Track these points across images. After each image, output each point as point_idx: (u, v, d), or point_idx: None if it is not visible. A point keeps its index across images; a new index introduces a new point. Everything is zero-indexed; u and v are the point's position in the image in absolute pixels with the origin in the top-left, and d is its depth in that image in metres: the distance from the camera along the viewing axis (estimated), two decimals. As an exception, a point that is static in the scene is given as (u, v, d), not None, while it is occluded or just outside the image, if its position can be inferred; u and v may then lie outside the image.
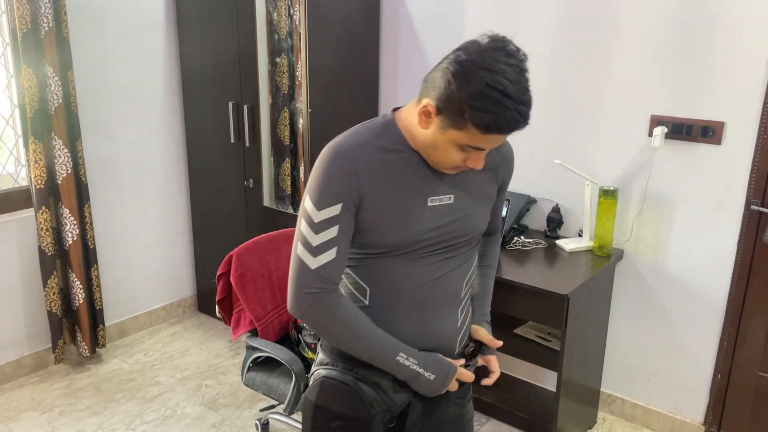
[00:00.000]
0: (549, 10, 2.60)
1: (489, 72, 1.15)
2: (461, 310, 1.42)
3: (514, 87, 1.17)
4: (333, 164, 1.25)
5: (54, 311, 2.95)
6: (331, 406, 1.38)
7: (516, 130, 1.22)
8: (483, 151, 1.24)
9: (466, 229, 1.36)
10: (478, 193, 1.38)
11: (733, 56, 2.25)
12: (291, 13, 2.81)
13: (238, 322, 2.34)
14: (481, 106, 1.15)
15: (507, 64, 1.17)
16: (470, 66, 1.15)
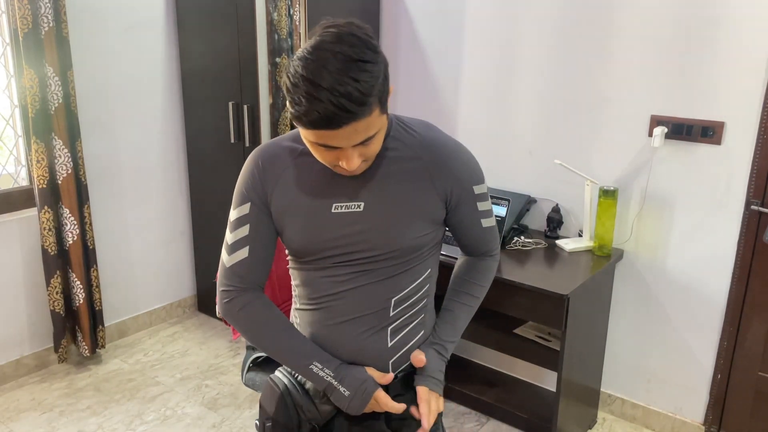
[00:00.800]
0: (549, 10, 2.60)
1: (306, 61, 1.06)
2: (393, 330, 1.31)
3: (328, 76, 1.04)
4: (247, 164, 1.29)
5: (57, 311, 2.96)
6: (267, 407, 1.37)
7: (340, 124, 1.06)
8: (346, 149, 1.12)
9: (377, 242, 1.25)
10: (403, 204, 1.26)
11: (733, 56, 2.25)
12: (291, 13, 2.81)
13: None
14: (296, 99, 1.07)
15: (330, 52, 1.06)
16: (296, 58, 1.09)
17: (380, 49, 1.14)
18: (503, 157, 2.85)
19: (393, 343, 1.32)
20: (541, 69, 2.67)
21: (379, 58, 1.11)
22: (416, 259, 1.30)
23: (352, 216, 1.25)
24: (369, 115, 1.08)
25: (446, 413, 2.80)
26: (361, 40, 1.10)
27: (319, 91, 1.04)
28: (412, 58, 3.03)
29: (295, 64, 1.08)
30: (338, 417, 1.34)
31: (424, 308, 1.36)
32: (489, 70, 2.81)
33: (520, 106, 2.76)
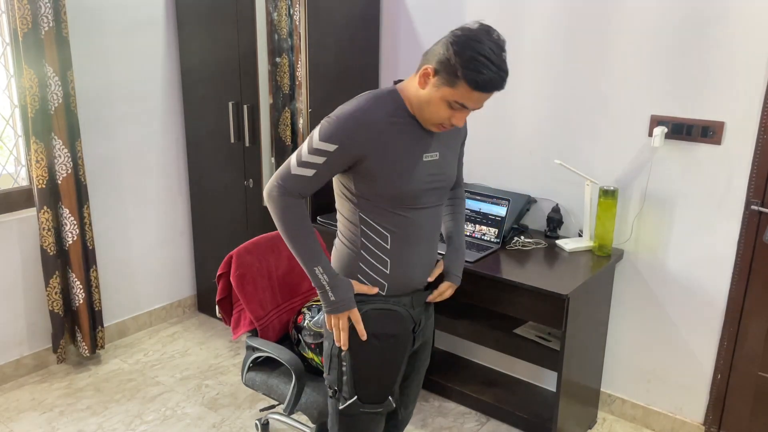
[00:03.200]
0: (549, 9, 2.60)
1: (479, 44, 1.48)
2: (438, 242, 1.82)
3: (497, 57, 1.49)
4: (350, 120, 1.56)
5: (56, 311, 2.96)
6: (385, 330, 1.71)
7: (497, 89, 1.52)
8: (466, 111, 1.57)
9: (448, 179, 1.73)
10: (453, 150, 1.76)
11: (733, 56, 2.25)
12: (291, 13, 2.81)
13: (238, 322, 2.34)
14: (473, 67, 1.48)
15: (491, 42, 1.50)
16: (464, 39, 1.50)
17: None
18: (503, 157, 2.85)
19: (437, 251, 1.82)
20: (541, 69, 2.67)
21: None
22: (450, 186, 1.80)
23: (435, 162, 1.67)
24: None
25: (446, 413, 2.80)
26: (502, 39, 1.54)
27: (492, 65, 1.48)
28: (412, 59, 3.03)
29: (467, 42, 1.49)
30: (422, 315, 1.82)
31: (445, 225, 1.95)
32: (489, 70, 2.80)
33: (520, 106, 2.76)
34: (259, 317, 2.28)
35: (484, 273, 2.40)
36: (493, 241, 2.64)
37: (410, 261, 1.72)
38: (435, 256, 1.81)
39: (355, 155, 1.57)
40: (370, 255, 1.69)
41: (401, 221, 1.67)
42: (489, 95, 1.53)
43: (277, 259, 2.37)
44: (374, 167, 1.59)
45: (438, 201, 1.73)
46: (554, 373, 2.44)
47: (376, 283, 1.70)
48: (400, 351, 1.76)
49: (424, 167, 1.64)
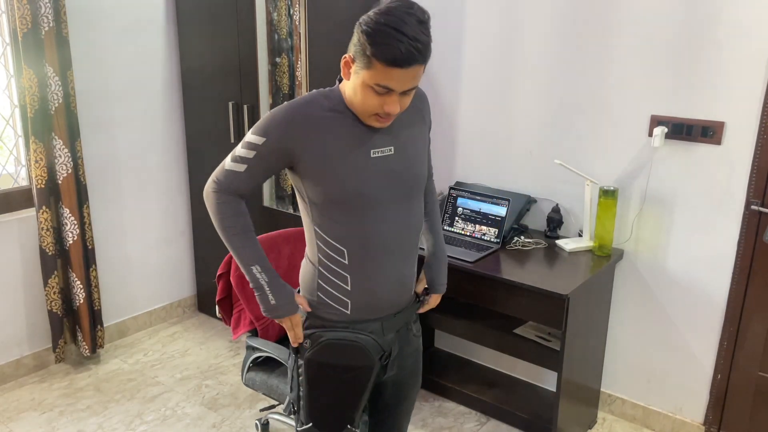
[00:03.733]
0: (549, 9, 2.60)
1: (387, 16, 1.34)
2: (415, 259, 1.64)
3: (409, 27, 1.33)
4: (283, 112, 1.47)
5: (54, 311, 2.96)
6: (343, 362, 1.59)
7: (414, 62, 1.35)
8: (394, 94, 1.40)
9: (414, 177, 1.56)
10: (415, 139, 1.58)
11: (733, 56, 2.25)
12: (291, 13, 2.81)
13: (238, 322, 2.34)
14: (380, 41, 1.33)
15: (406, 13, 1.35)
16: (373, 15, 1.37)
17: None
18: (503, 157, 2.85)
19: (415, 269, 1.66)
20: (541, 69, 2.66)
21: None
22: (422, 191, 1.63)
23: (388, 159, 1.51)
24: (424, 65, 1.39)
25: (446, 413, 2.80)
26: (422, 9, 1.39)
27: (402, 36, 1.32)
28: (412, 58, 3.03)
29: (374, 18, 1.35)
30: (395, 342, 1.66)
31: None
32: (489, 70, 2.81)
33: (520, 106, 2.76)
34: (259, 317, 2.28)
35: (484, 273, 2.40)
36: (493, 241, 2.64)
37: (375, 278, 1.55)
38: (410, 273, 1.62)
39: (286, 149, 1.46)
40: (328, 271, 1.55)
41: (357, 232, 1.51)
42: (411, 71, 1.36)
43: (277, 259, 2.37)
44: (312, 165, 1.46)
45: (404, 205, 1.55)
46: (554, 373, 2.44)
47: (339, 302, 1.56)
48: (360, 383, 1.62)
49: (374, 164, 1.48)
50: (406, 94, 1.42)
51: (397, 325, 1.64)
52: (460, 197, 2.75)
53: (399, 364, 1.69)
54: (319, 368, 1.60)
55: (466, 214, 2.72)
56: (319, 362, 1.59)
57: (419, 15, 1.36)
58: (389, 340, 1.64)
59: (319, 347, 1.59)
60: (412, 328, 1.72)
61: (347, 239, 1.51)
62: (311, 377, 1.61)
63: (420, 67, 1.38)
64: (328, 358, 1.59)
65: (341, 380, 1.60)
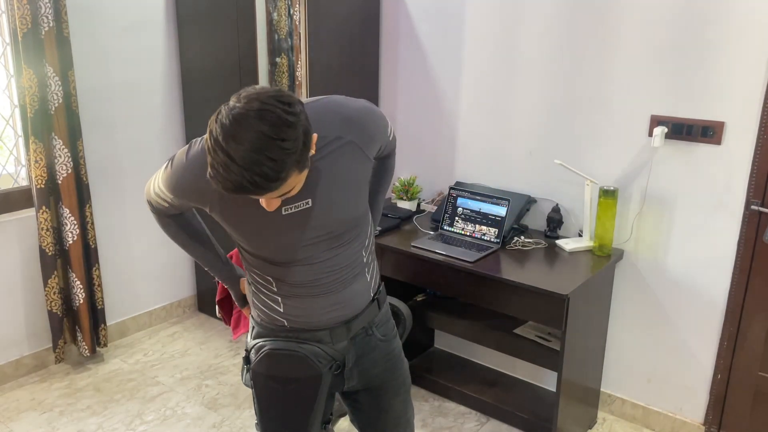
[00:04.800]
0: (549, 9, 2.60)
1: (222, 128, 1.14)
2: (368, 269, 1.53)
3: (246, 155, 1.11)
4: (183, 170, 1.37)
5: (54, 311, 2.96)
6: (285, 373, 1.50)
7: (251, 194, 1.16)
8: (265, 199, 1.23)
9: (341, 224, 1.40)
10: (343, 182, 1.37)
11: (734, 56, 2.25)
12: (291, 13, 2.81)
13: (238, 322, 2.34)
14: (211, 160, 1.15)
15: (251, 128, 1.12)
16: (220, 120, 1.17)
17: (300, 111, 1.16)
18: (503, 157, 2.85)
19: (370, 277, 1.54)
20: (541, 69, 2.66)
21: (298, 132, 1.14)
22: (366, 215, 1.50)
23: (305, 213, 1.34)
24: (285, 183, 1.16)
25: (446, 413, 2.80)
26: (280, 118, 1.12)
27: (233, 166, 1.10)
28: (412, 58, 3.03)
29: (216, 127, 1.13)
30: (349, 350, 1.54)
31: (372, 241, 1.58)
32: (489, 70, 2.81)
33: (520, 106, 2.76)
34: (259, 317, 2.27)
35: (484, 273, 2.40)
36: (493, 241, 2.64)
37: (308, 306, 1.45)
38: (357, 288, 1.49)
39: (195, 206, 1.44)
40: (260, 292, 1.50)
41: (281, 275, 1.42)
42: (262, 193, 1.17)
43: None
44: (223, 222, 1.38)
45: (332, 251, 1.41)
46: (554, 373, 2.44)
47: (273, 319, 1.50)
48: (306, 395, 1.51)
49: (288, 221, 1.33)
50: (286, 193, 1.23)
51: (349, 332, 1.52)
52: (460, 197, 2.75)
53: (361, 373, 1.57)
54: (263, 380, 1.53)
55: (466, 214, 2.72)
56: (263, 374, 1.52)
57: (268, 130, 1.10)
58: (341, 348, 1.52)
59: (261, 357, 1.52)
60: (375, 333, 1.57)
61: (272, 276, 1.44)
62: (258, 389, 1.55)
63: (273, 192, 1.17)
64: (271, 369, 1.51)
65: (285, 392, 1.51)
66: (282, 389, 1.51)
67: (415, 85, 3.06)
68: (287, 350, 1.49)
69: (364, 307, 1.53)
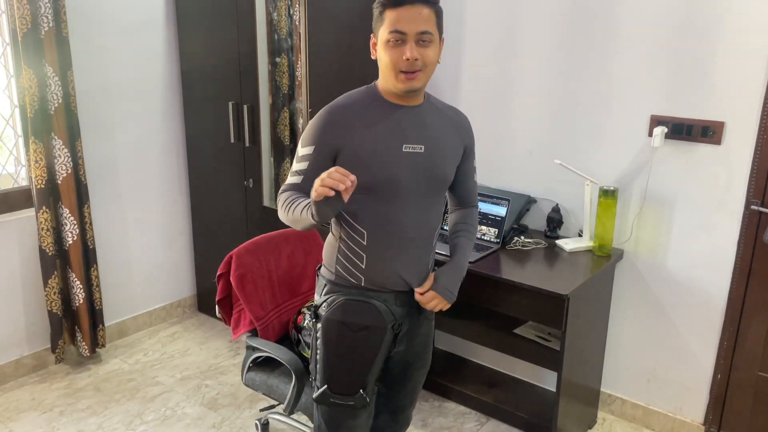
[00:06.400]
0: (549, 9, 2.60)
1: None
2: (433, 253, 1.78)
3: None
4: (321, 115, 1.64)
5: (54, 311, 2.96)
6: (357, 320, 1.69)
7: (414, 2, 1.53)
8: (409, 40, 1.54)
9: (440, 175, 1.69)
10: (444, 146, 1.69)
11: (733, 56, 2.25)
12: (291, 13, 2.81)
13: (238, 322, 2.34)
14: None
15: None
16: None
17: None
18: (503, 157, 2.85)
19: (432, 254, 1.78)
20: (541, 69, 2.66)
21: None
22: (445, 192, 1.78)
23: (418, 156, 1.64)
24: (432, 7, 1.56)
25: (446, 413, 2.80)
26: None
27: None
28: (412, 58, 3.03)
29: None
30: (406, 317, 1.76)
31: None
32: (489, 69, 2.81)
33: (520, 106, 2.76)
34: (259, 317, 2.28)
35: (484, 273, 2.40)
36: (493, 241, 2.64)
37: (390, 260, 1.68)
38: (426, 260, 1.75)
39: (332, 149, 1.61)
40: (347, 248, 1.69)
41: (379, 217, 1.65)
42: (414, 10, 1.53)
43: (277, 259, 2.37)
44: (351, 156, 1.60)
45: (426, 197, 1.69)
46: (554, 373, 2.44)
47: (352, 275, 1.70)
48: (372, 343, 1.71)
49: (405, 158, 1.63)
50: (423, 43, 1.55)
51: (408, 302, 1.73)
52: (460, 197, 2.75)
53: (407, 342, 1.79)
54: (336, 326, 1.70)
55: (466, 214, 2.71)
56: (336, 320, 1.70)
57: None
58: (401, 312, 1.73)
59: (336, 307, 1.70)
60: (424, 311, 1.80)
61: (368, 222, 1.64)
62: (327, 337, 1.71)
63: (423, 8, 1.53)
64: (344, 316, 1.69)
65: (356, 338, 1.69)
66: (353, 335, 1.69)
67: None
68: (362, 301, 1.70)
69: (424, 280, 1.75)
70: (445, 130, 1.71)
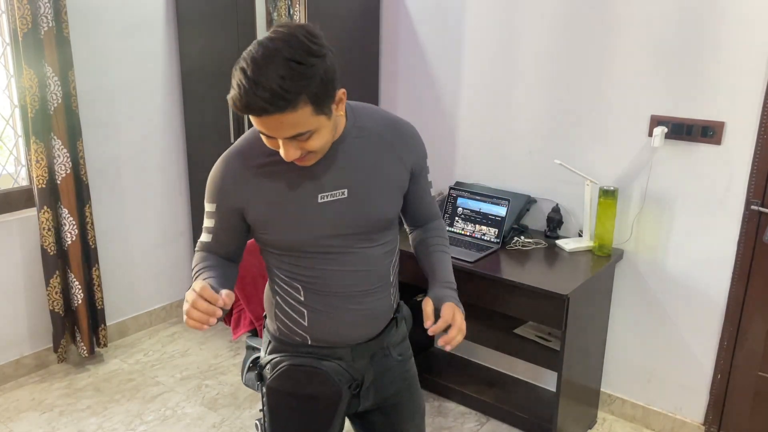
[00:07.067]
0: (549, 9, 2.60)
1: (249, 50, 1.22)
2: (393, 289, 1.51)
3: (258, 70, 1.15)
4: (214, 171, 1.40)
5: (56, 311, 2.96)
6: (304, 390, 1.45)
7: (261, 114, 1.16)
8: (283, 140, 1.22)
9: (370, 218, 1.39)
10: (378, 180, 1.39)
11: (734, 56, 2.25)
12: (291, 13, 2.81)
13: (238, 322, 2.34)
14: (232, 81, 1.20)
15: (267, 48, 1.18)
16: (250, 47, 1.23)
17: (327, 54, 1.20)
18: (503, 157, 2.85)
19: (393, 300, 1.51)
20: (542, 69, 2.66)
21: (318, 63, 1.17)
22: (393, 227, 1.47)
23: (340, 203, 1.35)
24: (293, 111, 1.16)
25: (446, 413, 2.80)
26: (302, 44, 1.17)
27: (246, 80, 1.15)
28: (412, 58, 3.03)
29: (244, 54, 1.22)
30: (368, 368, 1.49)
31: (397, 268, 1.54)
32: (489, 69, 2.81)
33: (520, 105, 2.76)
34: (260, 317, 2.27)
35: (484, 273, 2.40)
36: (493, 241, 2.64)
37: (335, 315, 1.42)
38: (381, 304, 1.47)
39: (234, 210, 1.38)
40: (284, 303, 1.45)
41: (309, 276, 1.39)
42: (271, 120, 1.17)
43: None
44: (256, 217, 1.36)
45: (364, 241, 1.40)
46: (554, 373, 2.44)
47: (295, 333, 1.45)
48: (324, 415, 1.46)
49: (322, 210, 1.34)
50: (300, 139, 1.21)
51: (369, 350, 1.48)
52: (460, 197, 2.75)
53: (376, 393, 1.52)
54: (280, 397, 1.47)
55: (466, 214, 2.72)
56: (280, 390, 1.47)
57: (285, 50, 1.15)
58: (360, 366, 1.48)
59: (279, 373, 1.46)
60: (392, 353, 1.53)
61: (300, 278, 1.41)
62: (272, 407, 1.49)
63: (280, 116, 1.15)
64: (289, 385, 1.45)
65: (303, 411, 1.46)
66: (301, 407, 1.46)
67: (415, 85, 3.06)
68: (308, 366, 1.44)
69: (384, 326, 1.50)
70: (377, 157, 1.39)
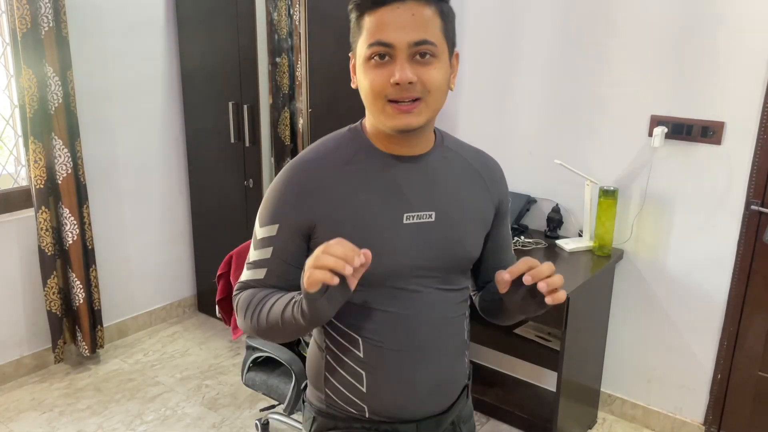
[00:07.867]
0: (549, 10, 2.60)
1: None
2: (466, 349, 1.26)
3: None
4: (282, 179, 1.15)
5: (54, 311, 2.95)
6: None
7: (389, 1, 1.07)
8: (398, 56, 1.08)
9: (456, 252, 1.17)
10: (466, 209, 1.18)
11: (734, 56, 2.25)
12: (291, 13, 2.81)
13: (238, 322, 2.34)
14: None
15: None
16: None
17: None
18: (503, 157, 2.82)
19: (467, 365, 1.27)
20: (542, 69, 2.66)
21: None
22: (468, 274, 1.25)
23: (426, 227, 1.14)
24: (432, 7, 1.11)
25: (446, 413, 2.80)
26: None
27: None
28: (412, 58, 3.03)
29: None
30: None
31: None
32: (489, 70, 2.81)
33: (520, 106, 2.76)
34: (259, 317, 2.27)
35: (484, 273, 2.39)
36: (493, 241, 2.63)
37: (401, 380, 1.16)
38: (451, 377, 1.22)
39: (303, 228, 1.12)
40: (337, 363, 1.19)
41: (378, 320, 1.14)
42: (402, 8, 1.09)
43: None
44: (328, 237, 1.01)
45: (443, 283, 1.17)
46: (554, 373, 2.44)
47: (350, 403, 1.19)
48: None
49: (408, 231, 1.12)
50: (422, 59, 1.09)
51: (439, 427, 1.23)
52: (460, 197, 2.75)
53: None
54: None
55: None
56: None
57: None
58: None
59: None
60: (462, 429, 1.29)
61: (364, 327, 1.14)
62: None
63: (418, 6, 1.09)
64: None
65: None
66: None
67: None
68: None
69: (458, 395, 1.25)
70: (466, 185, 1.20)
